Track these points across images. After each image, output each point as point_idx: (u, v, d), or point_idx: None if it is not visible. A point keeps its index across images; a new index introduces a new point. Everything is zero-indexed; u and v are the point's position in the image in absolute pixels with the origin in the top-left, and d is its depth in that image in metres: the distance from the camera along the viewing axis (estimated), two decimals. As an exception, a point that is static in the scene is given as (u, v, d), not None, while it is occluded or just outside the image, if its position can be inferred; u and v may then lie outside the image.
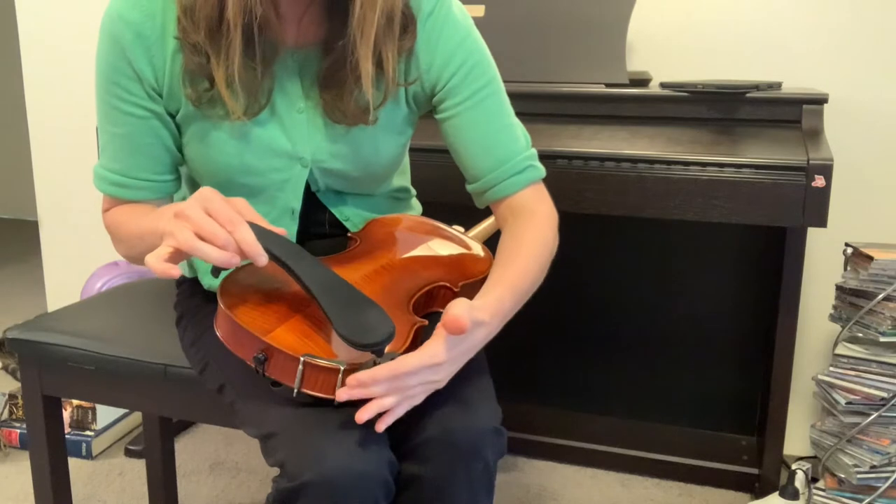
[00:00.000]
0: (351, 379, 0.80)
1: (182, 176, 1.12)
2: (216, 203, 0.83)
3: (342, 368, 0.82)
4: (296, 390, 0.83)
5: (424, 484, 0.88)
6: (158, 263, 0.82)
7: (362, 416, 0.81)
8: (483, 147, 1.04)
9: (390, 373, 0.81)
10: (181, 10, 0.93)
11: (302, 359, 0.82)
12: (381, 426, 0.83)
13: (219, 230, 0.82)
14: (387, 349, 0.82)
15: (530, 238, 1.01)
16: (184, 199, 1.14)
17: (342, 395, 0.81)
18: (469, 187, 1.09)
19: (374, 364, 0.81)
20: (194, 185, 1.11)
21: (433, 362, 0.83)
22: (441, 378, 0.86)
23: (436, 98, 1.05)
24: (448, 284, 1.00)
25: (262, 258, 0.83)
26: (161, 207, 0.94)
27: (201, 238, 0.82)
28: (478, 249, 1.09)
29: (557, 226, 1.06)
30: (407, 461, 0.89)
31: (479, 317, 0.86)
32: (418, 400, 0.85)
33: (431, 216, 1.19)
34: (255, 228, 0.83)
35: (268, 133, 1.01)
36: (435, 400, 0.90)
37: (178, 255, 0.83)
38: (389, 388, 0.81)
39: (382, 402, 0.81)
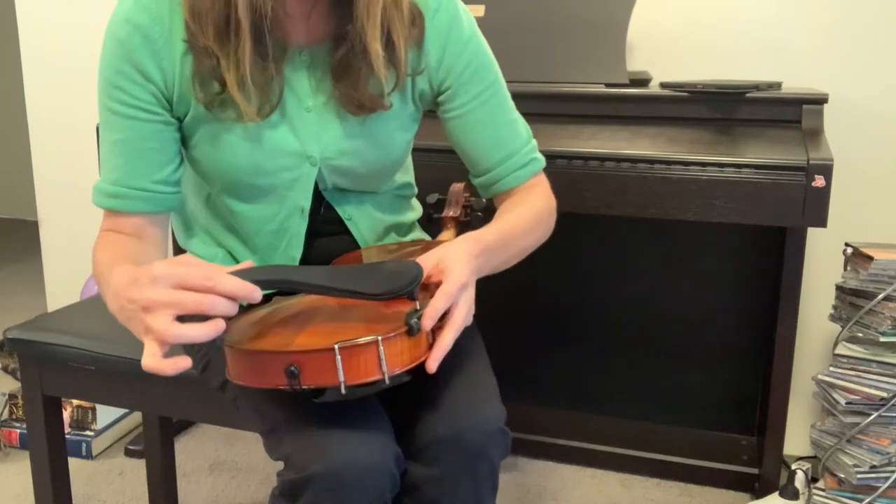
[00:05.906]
0: (428, 317, 0.81)
1: (189, 181, 1.11)
2: (180, 272, 0.78)
3: (380, 339, 0.78)
4: (343, 385, 0.78)
5: (431, 484, 0.89)
6: (160, 363, 0.76)
7: (432, 364, 0.82)
8: (488, 145, 1.08)
9: (448, 296, 0.84)
10: (189, 14, 0.92)
11: (336, 346, 0.77)
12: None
13: (202, 298, 0.77)
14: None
15: (523, 206, 1.07)
16: (183, 202, 1.14)
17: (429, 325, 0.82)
18: (475, 181, 1.12)
19: (417, 311, 0.82)
20: (197, 190, 1.11)
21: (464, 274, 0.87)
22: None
23: (441, 97, 1.07)
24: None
25: (257, 293, 0.80)
26: (118, 272, 0.87)
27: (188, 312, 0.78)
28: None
29: (554, 209, 1.11)
30: (414, 461, 0.90)
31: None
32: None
33: (431, 216, 1.20)
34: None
35: (277, 133, 1.00)
36: (442, 400, 0.90)
37: (167, 345, 0.78)
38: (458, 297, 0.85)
39: (445, 340, 0.83)
